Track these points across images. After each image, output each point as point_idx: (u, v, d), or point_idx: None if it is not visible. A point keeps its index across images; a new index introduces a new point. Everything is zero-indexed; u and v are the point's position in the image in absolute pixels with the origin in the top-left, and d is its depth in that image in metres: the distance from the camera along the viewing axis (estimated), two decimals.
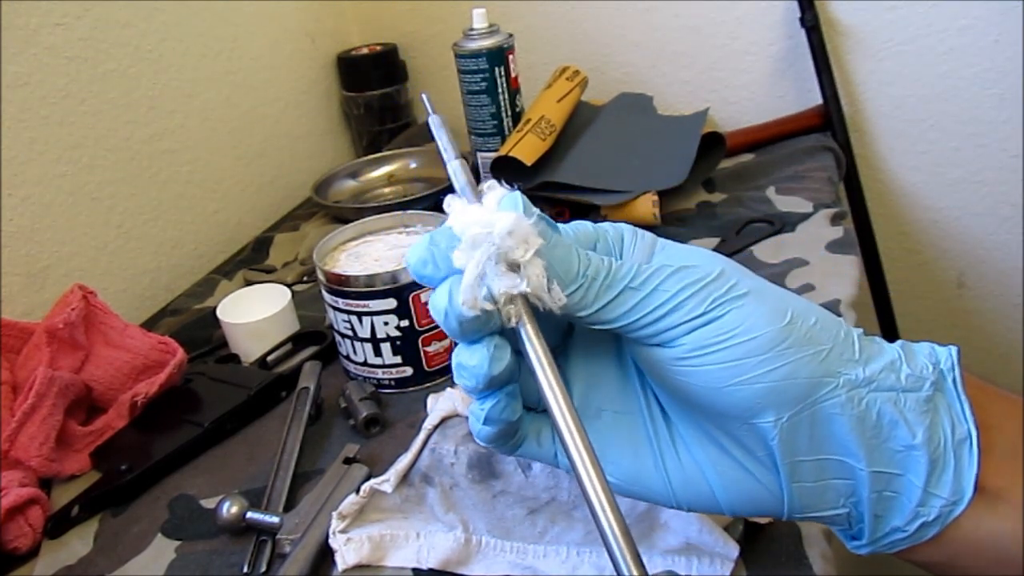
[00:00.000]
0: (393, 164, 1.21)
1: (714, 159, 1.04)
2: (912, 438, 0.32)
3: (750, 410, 0.32)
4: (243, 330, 0.80)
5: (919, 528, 0.33)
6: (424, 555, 0.53)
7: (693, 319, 0.32)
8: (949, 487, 0.32)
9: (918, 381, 0.33)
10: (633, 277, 0.32)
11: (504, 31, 1.04)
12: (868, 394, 0.33)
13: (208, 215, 1.07)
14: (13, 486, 0.62)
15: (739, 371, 0.32)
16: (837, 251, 0.85)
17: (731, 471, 0.35)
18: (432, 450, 0.60)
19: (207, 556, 0.58)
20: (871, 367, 0.33)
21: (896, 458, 0.33)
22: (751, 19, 1.17)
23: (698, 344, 0.32)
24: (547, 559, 0.52)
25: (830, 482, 0.34)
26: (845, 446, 0.33)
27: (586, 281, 0.32)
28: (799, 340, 0.32)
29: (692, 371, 0.32)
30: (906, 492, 0.33)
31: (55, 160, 0.86)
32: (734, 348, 0.32)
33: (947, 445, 0.33)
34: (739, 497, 0.35)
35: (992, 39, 1.09)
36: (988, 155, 1.15)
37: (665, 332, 0.32)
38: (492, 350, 0.32)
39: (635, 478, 0.36)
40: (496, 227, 0.31)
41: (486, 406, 0.33)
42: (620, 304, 0.32)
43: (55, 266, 0.86)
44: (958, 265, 1.24)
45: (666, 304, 0.32)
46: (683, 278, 0.32)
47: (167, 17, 0.99)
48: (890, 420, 0.33)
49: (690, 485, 0.35)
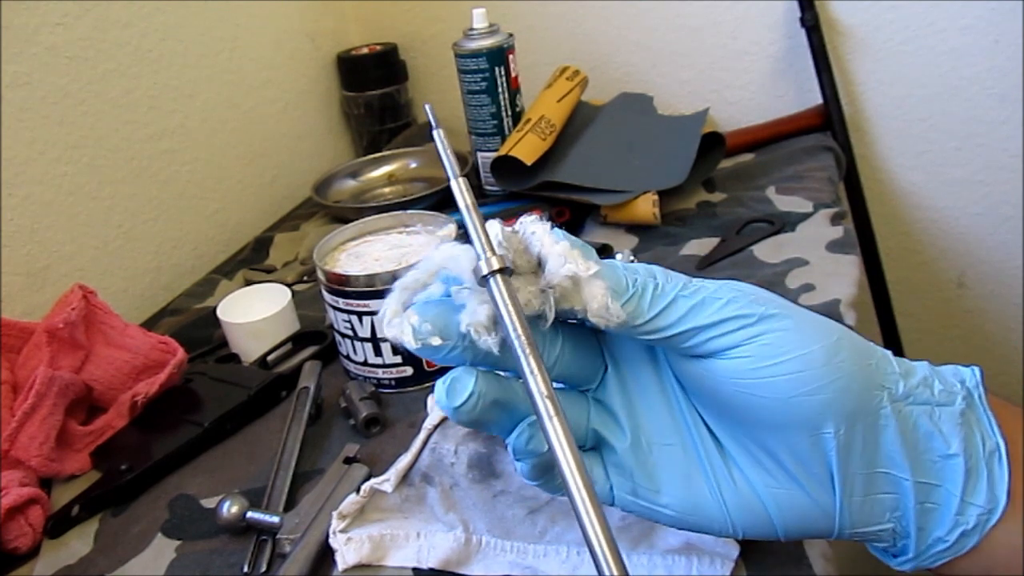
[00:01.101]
0: (393, 164, 1.21)
1: (714, 159, 1.04)
2: (948, 448, 0.34)
3: (814, 421, 0.33)
4: (243, 330, 0.80)
5: (959, 538, 0.34)
6: (424, 555, 0.53)
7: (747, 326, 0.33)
8: (984, 495, 0.34)
9: (950, 396, 0.34)
10: (683, 287, 0.34)
11: (504, 31, 1.04)
12: (906, 407, 0.34)
13: (208, 215, 1.07)
14: (13, 486, 0.62)
15: (803, 381, 0.32)
16: (837, 251, 0.85)
17: (785, 491, 0.35)
18: (432, 450, 0.60)
19: (207, 556, 0.58)
20: (910, 381, 0.34)
21: (934, 468, 0.34)
22: (751, 19, 1.17)
23: (763, 353, 0.33)
24: (547, 559, 0.52)
25: (878, 496, 0.34)
26: (892, 458, 0.34)
27: (637, 291, 0.33)
28: (850, 353, 0.33)
29: (757, 383, 0.33)
30: (945, 502, 0.34)
31: (55, 160, 0.86)
32: (794, 360, 0.33)
33: (979, 456, 0.34)
34: (793, 516, 0.35)
35: (992, 39, 1.09)
36: (988, 155, 1.15)
37: (723, 337, 0.33)
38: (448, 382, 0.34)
39: (692, 508, 0.36)
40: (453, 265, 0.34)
41: (511, 439, 0.34)
42: (674, 310, 0.33)
43: (55, 266, 0.86)
44: (958, 265, 1.24)
45: (720, 312, 0.33)
46: (731, 290, 0.34)
47: (167, 17, 0.99)
48: (926, 432, 0.34)
49: (746, 509, 0.36)
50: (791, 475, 0.35)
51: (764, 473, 0.35)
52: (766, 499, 0.35)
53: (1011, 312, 1.24)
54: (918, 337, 1.26)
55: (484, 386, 0.33)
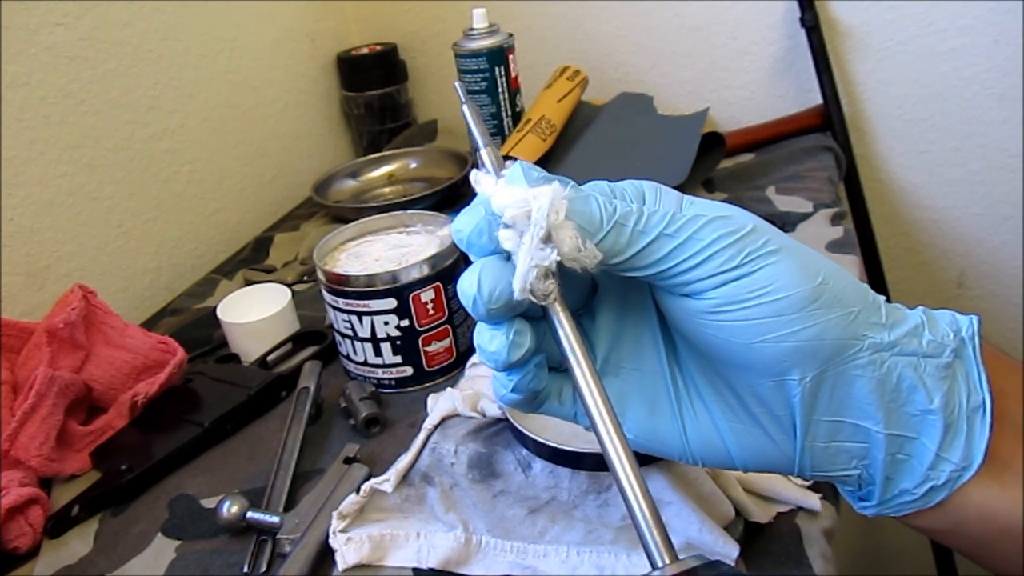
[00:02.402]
0: (393, 164, 1.21)
1: (714, 159, 1.04)
2: (929, 403, 0.33)
3: (775, 368, 0.32)
4: (243, 330, 0.80)
5: (928, 491, 0.33)
6: (424, 555, 0.53)
7: (726, 271, 0.32)
8: (960, 452, 0.33)
9: (939, 347, 0.33)
10: (668, 224, 0.32)
11: (504, 31, 1.04)
12: (890, 358, 0.33)
13: (208, 215, 1.07)
14: (13, 486, 0.62)
15: (768, 328, 0.32)
16: (837, 251, 0.85)
17: (746, 428, 0.35)
18: (432, 450, 0.60)
19: (207, 556, 0.58)
20: (896, 332, 0.33)
21: (912, 422, 0.33)
22: (751, 19, 1.17)
23: (729, 298, 0.32)
24: (547, 559, 0.52)
25: (843, 444, 0.34)
26: (863, 409, 0.33)
27: (615, 227, 0.32)
28: (829, 301, 0.32)
29: (722, 325, 0.32)
30: (918, 455, 0.33)
31: (55, 160, 0.86)
32: (765, 305, 0.32)
33: (961, 411, 0.33)
34: (752, 454, 0.35)
35: (992, 39, 1.09)
36: (988, 155, 1.15)
37: (697, 282, 0.32)
38: (512, 336, 0.32)
39: (651, 434, 0.36)
40: (535, 206, 0.31)
41: (514, 378, 0.34)
42: (654, 251, 0.32)
43: (55, 266, 0.86)
44: (958, 265, 1.24)
45: (700, 253, 0.32)
46: (718, 228, 0.32)
47: (167, 17, 0.99)
48: (909, 384, 0.33)
49: (705, 441, 0.36)
50: (753, 414, 0.35)
51: (726, 408, 0.35)
52: (726, 434, 0.35)
53: (1011, 312, 1.24)
54: None
55: (535, 341, 0.33)
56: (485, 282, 0.31)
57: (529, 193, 0.31)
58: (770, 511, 0.53)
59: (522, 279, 0.31)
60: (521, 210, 0.31)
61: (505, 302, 0.32)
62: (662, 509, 0.51)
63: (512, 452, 0.58)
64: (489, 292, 0.31)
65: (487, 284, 0.31)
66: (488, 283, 0.31)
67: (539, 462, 0.57)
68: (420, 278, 0.70)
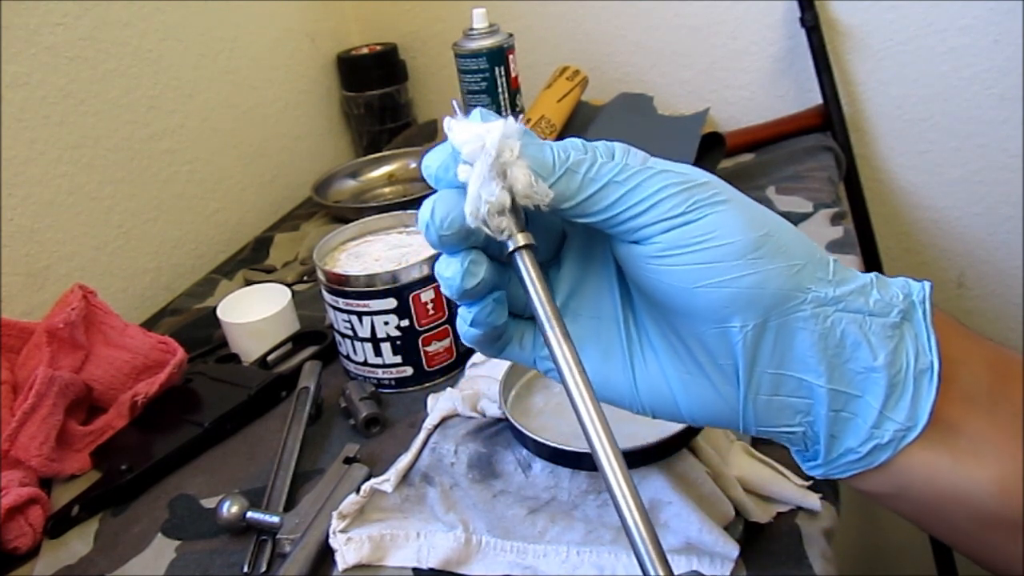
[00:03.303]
0: (393, 164, 1.21)
1: (714, 159, 1.04)
2: (873, 360, 0.33)
3: (717, 314, 0.33)
4: (243, 330, 0.80)
5: (872, 450, 0.33)
6: (424, 555, 0.53)
7: (671, 218, 0.33)
8: (905, 412, 0.33)
9: (887, 307, 0.33)
10: (618, 173, 0.33)
11: (504, 31, 1.04)
12: (834, 313, 0.33)
13: (208, 215, 1.07)
14: (13, 486, 0.62)
15: (709, 273, 0.33)
16: (837, 251, 0.85)
17: (693, 379, 0.36)
18: (432, 450, 0.60)
19: (207, 556, 0.58)
20: (841, 288, 0.33)
21: (856, 379, 0.33)
22: (751, 19, 1.17)
23: (673, 243, 0.33)
24: (547, 559, 0.52)
25: (787, 399, 0.34)
26: (805, 362, 0.33)
27: (567, 173, 0.33)
28: (772, 251, 0.33)
29: (664, 270, 0.33)
30: (862, 414, 0.33)
31: (55, 160, 0.86)
32: (707, 251, 0.32)
33: (908, 372, 0.33)
34: (699, 405, 0.36)
35: (992, 39, 1.09)
36: (988, 155, 1.15)
37: (643, 229, 0.33)
38: (467, 265, 0.34)
39: (604, 381, 0.37)
40: (488, 137, 0.32)
41: (473, 310, 0.35)
42: (603, 197, 0.33)
43: (55, 266, 0.86)
44: (958, 265, 1.24)
45: (647, 200, 0.33)
46: (667, 179, 0.33)
47: (167, 17, 0.99)
48: (853, 341, 0.33)
49: (654, 390, 0.36)
50: (699, 364, 0.35)
51: (675, 358, 0.36)
52: (674, 384, 0.36)
53: (1011, 312, 1.24)
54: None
55: (490, 272, 0.34)
56: (439, 209, 0.33)
57: (483, 128, 0.32)
58: (770, 511, 0.53)
59: (472, 203, 0.32)
60: (477, 144, 0.32)
61: (457, 229, 0.33)
62: (662, 509, 0.51)
63: (512, 452, 0.58)
64: (441, 219, 0.33)
65: (440, 211, 0.33)
66: (441, 210, 0.33)
67: (539, 462, 0.57)
68: (420, 278, 0.70)
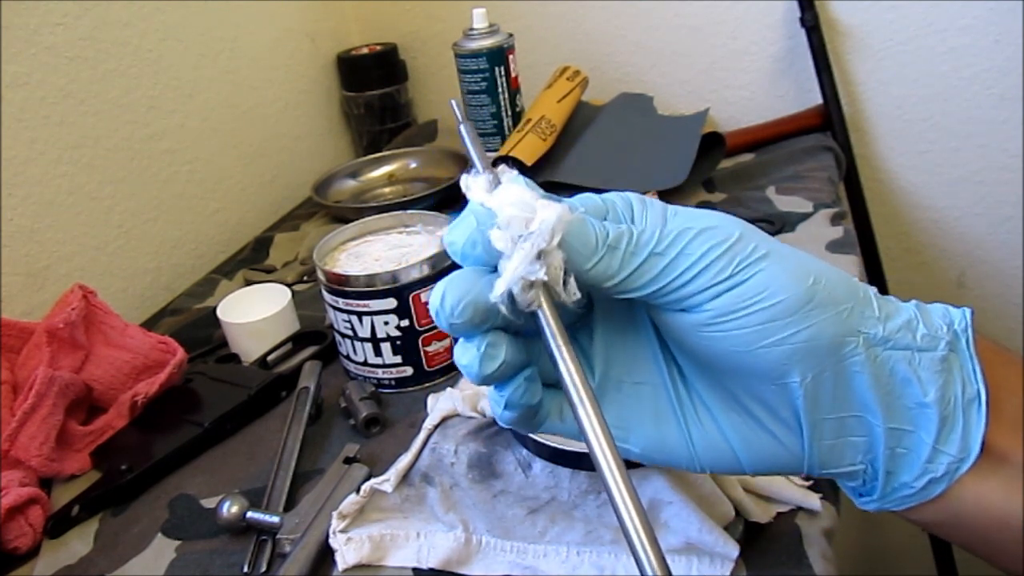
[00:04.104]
0: (393, 164, 1.21)
1: (714, 159, 1.04)
2: (924, 396, 0.33)
3: (777, 371, 0.33)
4: (243, 330, 0.80)
5: (927, 484, 0.33)
6: (424, 555, 0.53)
7: (720, 283, 0.32)
8: (957, 444, 0.33)
9: (933, 341, 0.33)
10: (657, 242, 0.32)
11: (504, 31, 1.04)
12: (884, 352, 0.33)
13: (208, 215, 1.07)
14: (13, 486, 0.62)
15: (766, 334, 0.32)
16: (837, 251, 0.85)
17: (752, 433, 0.35)
18: (432, 450, 0.60)
19: (207, 556, 0.58)
20: (889, 325, 0.33)
21: (909, 415, 0.33)
22: (751, 19, 1.17)
23: (726, 308, 0.32)
24: (547, 559, 0.52)
25: (849, 439, 0.34)
26: (864, 403, 0.33)
27: (608, 251, 0.32)
28: (822, 300, 0.32)
29: (720, 336, 0.32)
30: (916, 449, 0.33)
31: (55, 160, 0.86)
32: (759, 312, 0.32)
33: (957, 404, 0.33)
34: (761, 457, 0.35)
35: (992, 39, 1.09)
36: (988, 155, 1.15)
37: (692, 297, 0.32)
38: (484, 349, 0.32)
39: (658, 446, 0.36)
40: (541, 216, 0.30)
41: (505, 392, 0.33)
42: (646, 271, 0.32)
43: (55, 266, 0.86)
44: (958, 265, 1.24)
45: (692, 268, 0.32)
46: (707, 240, 0.32)
47: (167, 17, 0.99)
48: (904, 378, 0.33)
49: (713, 448, 0.35)
50: (758, 419, 0.35)
51: (732, 415, 0.35)
52: (733, 440, 0.35)
53: (1011, 312, 1.24)
54: None
55: (511, 353, 0.32)
56: (450, 295, 0.31)
57: (538, 202, 0.31)
58: (770, 511, 0.53)
59: (508, 283, 0.30)
60: (522, 214, 0.30)
61: (471, 316, 0.31)
62: (662, 509, 0.51)
63: (512, 452, 0.58)
64: (452, 306, 0.31)
65: (451, 297, 0.31)
66: (453, 296, 0.31)
67: (539, 462, 0.57)
68: (420, 278, 0.70)
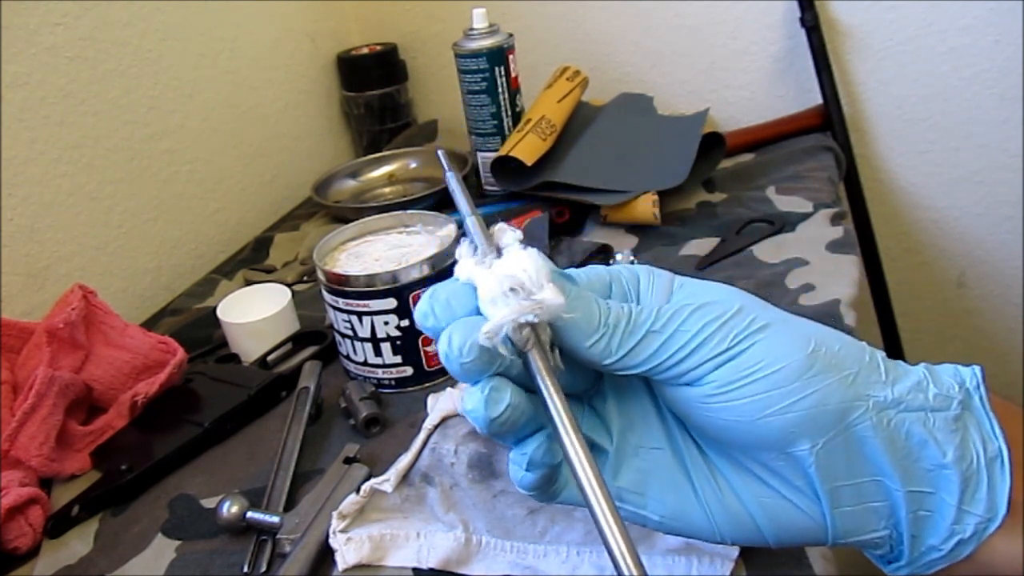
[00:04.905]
0: (393, 164, 1.21)
1: (714, 159, 1.04)
2: (943, 456, 0.32)
3: (784, 440, 0.32)
4: (243, 330, 0.80)
5: (955, 546, 0.33)
6: (424, 555, 0.53)
7: (717, 356, 0.32)
8: (983, 504, 0.32)
9: (945, 400, 0.33)
10: (654, 320, 0.32)
11: (504, 31, 1.04)
12: (897, 415, 0.33)
13: (208, 215, 1.07)
14: (13, 486, 0.62)
15: (768, 403, 0.32)
16: (837, 251, 0.85)
17: (773, 502, 0.34)
18: (432, 450, 0.60)
19: (207, 556, 0.58)
20: (898, 388, 0.33)
21: (928, 477, 0.33)
22: (751, 19, 1.17)
23: (725, 381, 0.32)
24: (547, 559, 0.52)
25: (870, 505, 0.34)
26: (880, 467, 0.33)
27: (608, 330, 0.32)
28: (825, 367, 0.32)
29: (722, 407, 0.32)
30: (940, 510, 0.33)
31: (55, 160, 0.86)
32: (761, 381, 0.32)
33: (980, 463, 0.32)
34: (783, 527, 0.35)
35: (992, 39, 1.09)
36: (988, 155, 1.15)
37: (691, 372, 0.32)
38: (487, 392, 0.31)
39: (678, 515, 0.35)
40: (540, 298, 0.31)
41: (527, 449, 0.33)
42: (643, 349, 0.32)
43: (55, 266, 0.86)
44: (958, 265, 1.24)
45: (689, 344, 0.32)
46: (704, 316, 0.32)
47: (167, 17, 0.99)
48: (919, 440, 0.33)
49: (733, 519, 0.35)
50: (774, 488, 0.34)
51: (750, 483, 0.35)
52: (754, 510, 0.35)
53: (1011, 312, 1.24)
54: (918, 337, 1.26)
55: (517, 398, 0.32)
56: (456, 337, 0.31)
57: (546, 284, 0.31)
58: None
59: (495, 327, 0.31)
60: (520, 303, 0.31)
61: (478, 354, 0.31)
62: None
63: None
64: (459, 347, 0.31)
65: (457, 339, 0.31)
66: (459, 338, 0.31)
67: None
68: (420, 278, 0.70)
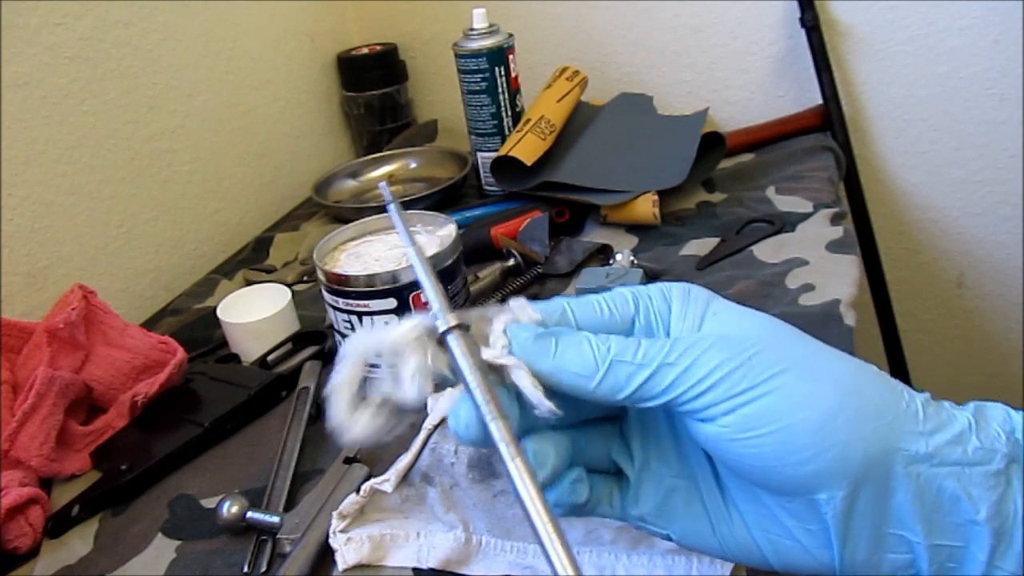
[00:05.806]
0: (393, 164, 1.21)
1: (714, 159, 1.04)
2: (975, 514, 0.30)
3: (802, 487, 0.31)
4: (243, 330, 0.80)
5: None
6: (424, 555, 0.53)
7: (731, 398, 0.31)
8: (1016, 561, 0.30)
9: (988, 454, 0.31)
10: (668, 352, 0.32)
11: (504, 31, 1.04)
12: (929, 469, 0.31)
13: (208, 215, 1.07)
14: (13, 486, 0.62)
15: (786, 452, 0.31)
16: (837, 251, 0.85)
17: (784, 541, 0.34)
18: (432, 450, 0.60)
19: (207, 556, 0.58)
20: (935, 440, 0.31)
21: (958, 531, 0.31)
22: (751, 19, 1.17)
23: (740, 426, 0.31)
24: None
25: (887, 555, 0.32)
26: (902, 520, 0.31)
27: (610, 367, 0.31)
28: (853, 417, 0.30)
29: (739, 448, 0.32)
30: (968, 564, 0.31)
31: (55, 160, 0.86)
32: (780, 432, 0.30)
33: (1017, 518, 0.30)
34: (791, 563, 0.34)
35: (992, 39, 1.09)
36: (988, 155, 1.15)
37: (707, 409, 0.31)
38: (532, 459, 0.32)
39: (692, 539, 0.36)
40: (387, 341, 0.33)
41: (553, 496, 0.33)
42: (658, 382, 0.31)
43: (55, 266, 0.86)
44: (958, 265, 1.24)
45: (704, 381, 0.31)
46: (722, 352, 0.31)
47: (167, 17, 0.99)
48: (952, 496, 0.31)
49: (743, 549, 0.35)
50: (787, 528, 0.34)
51: (764, 520, 0.34)
52: (763, 545, 0.34)
53: (1011, 312, 1.24)
54: (918, 337, 1.26)
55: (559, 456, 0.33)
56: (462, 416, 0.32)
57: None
58: None
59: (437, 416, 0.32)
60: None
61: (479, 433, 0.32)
62: None
63: None
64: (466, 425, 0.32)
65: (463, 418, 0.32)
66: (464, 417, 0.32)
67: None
68: None
